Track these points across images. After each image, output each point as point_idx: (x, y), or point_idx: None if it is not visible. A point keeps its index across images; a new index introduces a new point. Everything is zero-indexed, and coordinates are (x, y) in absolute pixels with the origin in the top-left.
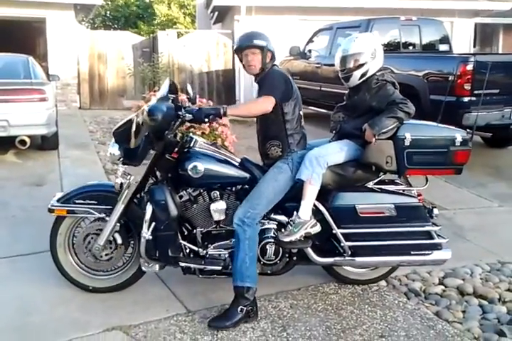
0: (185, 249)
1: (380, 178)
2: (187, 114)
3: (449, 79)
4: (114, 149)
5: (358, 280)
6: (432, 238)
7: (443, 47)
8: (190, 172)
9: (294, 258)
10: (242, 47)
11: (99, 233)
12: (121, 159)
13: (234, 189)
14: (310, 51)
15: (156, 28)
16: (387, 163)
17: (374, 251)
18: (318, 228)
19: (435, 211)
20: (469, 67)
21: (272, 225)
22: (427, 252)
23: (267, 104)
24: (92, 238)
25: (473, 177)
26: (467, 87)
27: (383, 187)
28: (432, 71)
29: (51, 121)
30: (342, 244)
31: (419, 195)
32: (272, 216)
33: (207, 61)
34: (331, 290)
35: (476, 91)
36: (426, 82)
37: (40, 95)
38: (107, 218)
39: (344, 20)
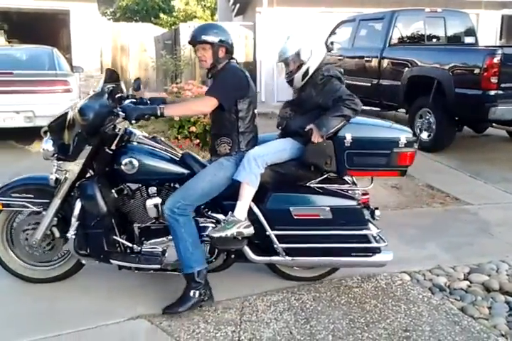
0: (120, 245)
1: (323, 177)
2: (120, 112)
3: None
4: (48, 145)
5: (298, 277)
6: (369, 242)
7: (468, 40)
8: (124, 168)
9: (232, 256)
10: (192, 43)
11: (36, 227)
12: (56, 155)
13: (172, 185)
14: (332, 43)
15: (178, 20)
16: (326, 163)
17: (309, 253)
18: (251, 230)
19: (377, 212)
20: (496, 59)
21: (209, 223)
22: (366, 254)
23: (206, 106)
24: (28, 232)
25: (499, 172)
26: (494, 80)
27: (326, 186)
28: (457, 64)
29: None
30: (275, 246)
31: (365, 193)
32: (209, 214)
33: None
34: (354, 284)
35: (503, 85)
36: (451, 75)
37: (64, 86)
38: (44, 212)
39: (366, 12)
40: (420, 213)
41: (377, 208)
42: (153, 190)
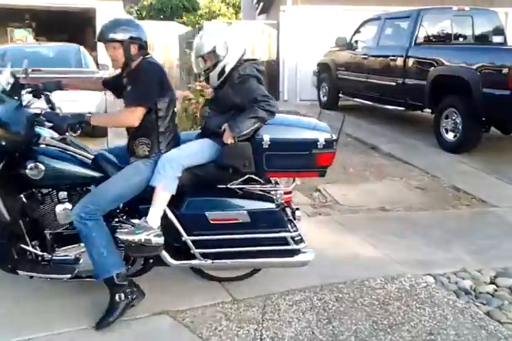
0: (30, 253)
1: (244, 178)
2: (46, 122)
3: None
4: None
5: (220, 278)
6: (288, 244)
7: (497, 39)
8: (29, 172)
9: (150, 261)
10: (101, 41)
11: None
12: None
13: (85, 189)
14: (357, 42)
15: (201, 19)
16: (244, 165)
17: (229, 256)
18: (160, 240)
19: (298, 213)
20: None
21: (124, 229)
22: (286, 255)
23: (134, 119)
24: None
25: None
26: None
27: (247, 187)
28: (485, 63)
29: (100, 109)
30: (192, 251)
31: (287, 193)
32: (125, 218)
33: (251, 52)
34: (377, 285)
35: None
36: (478, 74)
37: None
38: None
39: (391, 11)
40: (445, 215)
41: (297, 208)
42: (63, 194)
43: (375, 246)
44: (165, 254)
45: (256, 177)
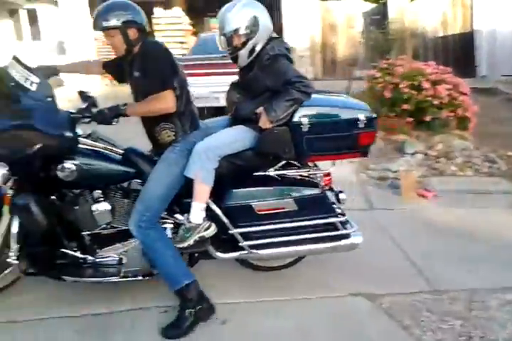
0: (70, 258)
1: (281, 163)
2: (83, 120)
3: None
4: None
5: (267, 267)
6: (337, 229)
7: None
8: (61, 174)
9: (196, 255)
10: (96, 30)
11: None
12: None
13: (119, 186)
14: None
15: None
16: (285, 151)
17: (276, 246)
18: (212, 230)
19: (342, 195)
20: None
21: (168, 225)
22: (334, 240)
23: (167, 102)
24: None
25: None
26: None
27: (286, 172)
28: None
29: None
30: (241, 244)
31: (327, 174)
32: (167, 215)
33: (442, 24)
34: None
35: None
36: None
37: None
38: None
39: None
40: None
41: (341, 191)
42: (98, 193)
43: None
44: (211, 248)
45: (293, 162)
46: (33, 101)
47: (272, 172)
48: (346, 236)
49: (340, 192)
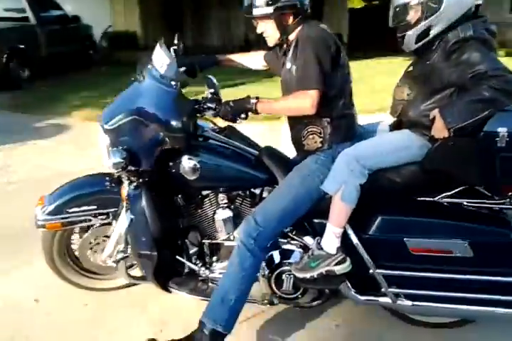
0: (185, 268)
1: (459, 189)
2: (206, 112)
3: None
4: (117, 158)
5: (424, 322)
6: None
7: None
8: (184, 172)
9: (326, 291)
10: (249, 18)
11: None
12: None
13: (249, 193)
14: None
15: None
16: (465, 172)
17: (433, 300)
18: (345, 267)
19: None
20: None
21: (294, 247)
22: None
23: (305, 104)
24: (96, 248)
25: None
26: None
27: (464, 201)
28: None
29: None
30: (383, 289)
31: None
32: (293, 234)
33: None
34: None
35: None
36: None
37: None
38: (114, 223)
39: None
40: None
41: None
42: (223, 198)
43: None
44: (346, 285)
45: (479, 188)
46: (157, 82)
47: (443, 199)
48: None
49: None
